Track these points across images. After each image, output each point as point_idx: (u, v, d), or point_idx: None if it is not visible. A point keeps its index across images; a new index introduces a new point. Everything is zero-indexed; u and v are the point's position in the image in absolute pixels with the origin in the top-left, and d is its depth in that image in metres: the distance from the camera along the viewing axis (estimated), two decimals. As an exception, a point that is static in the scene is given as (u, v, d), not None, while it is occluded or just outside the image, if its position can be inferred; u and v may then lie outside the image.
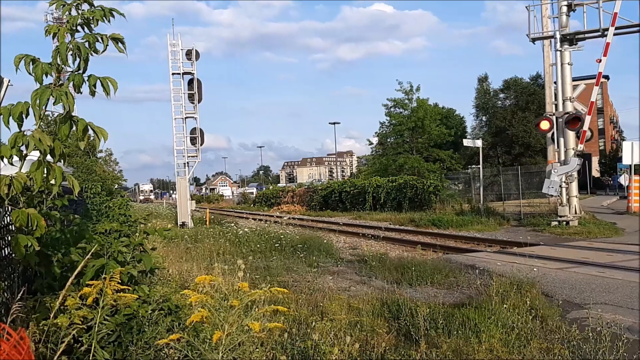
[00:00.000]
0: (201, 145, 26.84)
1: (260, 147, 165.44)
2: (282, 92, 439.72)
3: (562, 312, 7.03)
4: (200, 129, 26.83)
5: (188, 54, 26.40)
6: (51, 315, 3.09)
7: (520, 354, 4.42)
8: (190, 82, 26.55)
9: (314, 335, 4.37)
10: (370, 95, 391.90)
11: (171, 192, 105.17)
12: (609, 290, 8.58)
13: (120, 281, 3.30)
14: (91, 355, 3.11)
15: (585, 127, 19.32)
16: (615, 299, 7.98)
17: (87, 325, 3.20)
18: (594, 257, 12.41)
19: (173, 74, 26.43)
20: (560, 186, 19.53)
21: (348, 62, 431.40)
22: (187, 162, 26.87)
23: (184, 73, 26.46)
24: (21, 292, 3.17)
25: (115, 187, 46.93)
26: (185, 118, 26.68)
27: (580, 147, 20.07)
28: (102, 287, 3.17)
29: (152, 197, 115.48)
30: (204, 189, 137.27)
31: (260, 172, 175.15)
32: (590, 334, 4.79)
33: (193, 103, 26.51)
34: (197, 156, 26.93)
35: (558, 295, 8.14)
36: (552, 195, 20.49)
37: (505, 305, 6.48)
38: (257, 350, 4.06)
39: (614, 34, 20.26)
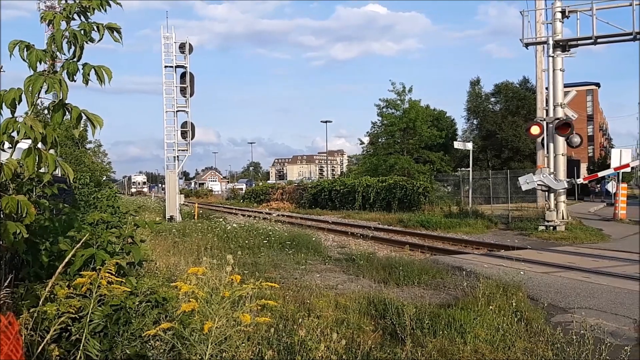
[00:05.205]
0: (192, 139, 26.78)
1: (251, 143, 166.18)
2: (273, 89, 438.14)
3: (546, 316, 7.10)
4: (192, 123, 26.79)
5: (181, 47, 26.28)
6: (40, 303, 3.08)
7: (505, 354, 4.46)
8: (183, 75, 26.46)
9: (301, 332, 4.38)
10: (362, 95, 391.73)
11: (160, 185, 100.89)
12: (593, 295, 8.66)
13: (111, 272, 3.29)
14: (82, 344, 3.09)
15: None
16: (600, 304, 8.06)
17: (78, 315, 3.19)
18: (580, 262, 12.52)
19: (166, 66, 26.33)
20: (535, 188, 20.12)
21: (341, 61, 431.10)
22: (177, 156, 26.77)
23: (177, 66, 26.36)
24: (9, 280, 3.15)
25: (104, 179, 46.66)
26: (177, 111, 26.58)
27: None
28: (96, 278, 3.15)
29: (145, 189, 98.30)
30: (193, 183, 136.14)
31: (250, 168, 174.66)
32: (574, 337, 4.85)
33: (185, 97, 26.44)
34: (187, 150, 26.85)
35: (543, 299, 8.21)
36: (521, 188, 20.91)
37: (490, 307, 6.53)
38: (244, 344, 4.06)
39: (604, 42, 20.53)
